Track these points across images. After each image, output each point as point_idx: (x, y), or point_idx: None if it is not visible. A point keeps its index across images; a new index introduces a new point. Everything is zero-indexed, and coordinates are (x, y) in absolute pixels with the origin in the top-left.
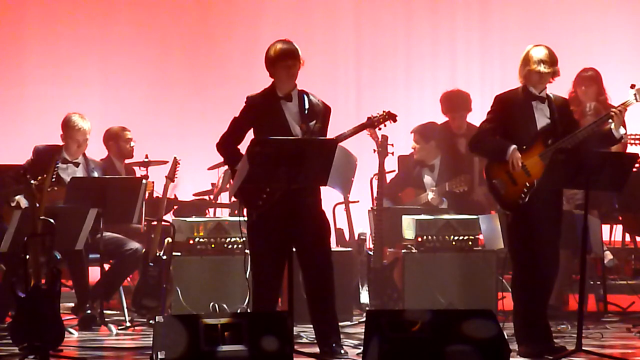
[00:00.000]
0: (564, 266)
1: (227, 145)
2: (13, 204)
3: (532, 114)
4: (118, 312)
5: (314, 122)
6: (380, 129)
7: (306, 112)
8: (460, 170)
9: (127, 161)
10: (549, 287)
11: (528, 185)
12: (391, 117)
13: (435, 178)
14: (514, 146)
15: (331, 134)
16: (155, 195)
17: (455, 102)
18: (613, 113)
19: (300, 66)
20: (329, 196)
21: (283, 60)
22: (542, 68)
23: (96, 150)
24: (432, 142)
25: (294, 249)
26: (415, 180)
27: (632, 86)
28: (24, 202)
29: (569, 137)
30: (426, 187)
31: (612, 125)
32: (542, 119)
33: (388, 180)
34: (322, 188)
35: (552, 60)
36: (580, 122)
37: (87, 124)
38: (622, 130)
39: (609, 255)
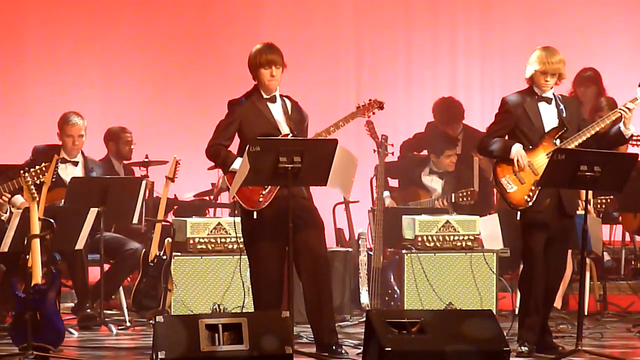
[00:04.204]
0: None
1: (218, 149)
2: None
3: (539, 115)
4: (118, 312)
5: (297, 124)
6: (369, 116)
7: (289, 113)
8: (460, 174)
9: (126, 161)
10: (552, 287)
11: (535, 184)
12: (378, 104)
13: (443, 185)
14: (518, 144)
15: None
16: (155, 195)
17: (447, 114)
18: (622, 111)
19: (282, 71)
20: (329, 196)
21: (265, 69)
22: (548, 70)
23: (96, 150)
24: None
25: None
26: (416, 180)
27: None
28: (20, 201)
29: (574, 137)
30: (429, 189)
31: (622, 125)
32: (549, 119)
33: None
34: (313, 187)
35: (558, 62)
36: (598, 115)
37: (81, 120)
38: (632, 129)
39: (606, 256)
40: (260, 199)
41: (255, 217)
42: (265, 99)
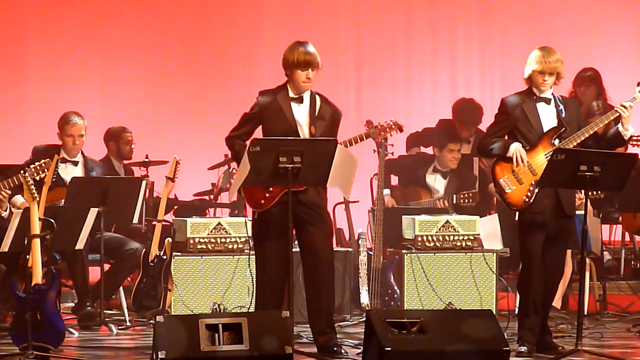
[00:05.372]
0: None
1: (235, 140)
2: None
3: (537, 115)
4: (118, 312)
5: (323, 124)
6: (385, 137)
7: (316, 114)
8: (464, 175)
9: (126, 161)
10: (550, 287)
11: (534, 184)
12: (397, 126)
13: (445, 185)
14: (517, 142)
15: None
16: (155, 195)
17: (467, 116)
18: (619, 109)
19: (317, 71)
20: (329, 196)
21: (302, 71)
22: (545, 69)
23: (96, 150)
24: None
25: (296, 249)
26: (419, 180)
27: (639, 84)
28: (20, 201)
29: (573, 137)
30: (432, 190)
31: (620, 126)
32: (548, 120)
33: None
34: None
35: (555, 62)
36: (589, 121)
37: (81, 120)
38: (631, 130)
39: (606, 256)
40: (262, 202)
41: (256, 217)
42: (290, 98)
